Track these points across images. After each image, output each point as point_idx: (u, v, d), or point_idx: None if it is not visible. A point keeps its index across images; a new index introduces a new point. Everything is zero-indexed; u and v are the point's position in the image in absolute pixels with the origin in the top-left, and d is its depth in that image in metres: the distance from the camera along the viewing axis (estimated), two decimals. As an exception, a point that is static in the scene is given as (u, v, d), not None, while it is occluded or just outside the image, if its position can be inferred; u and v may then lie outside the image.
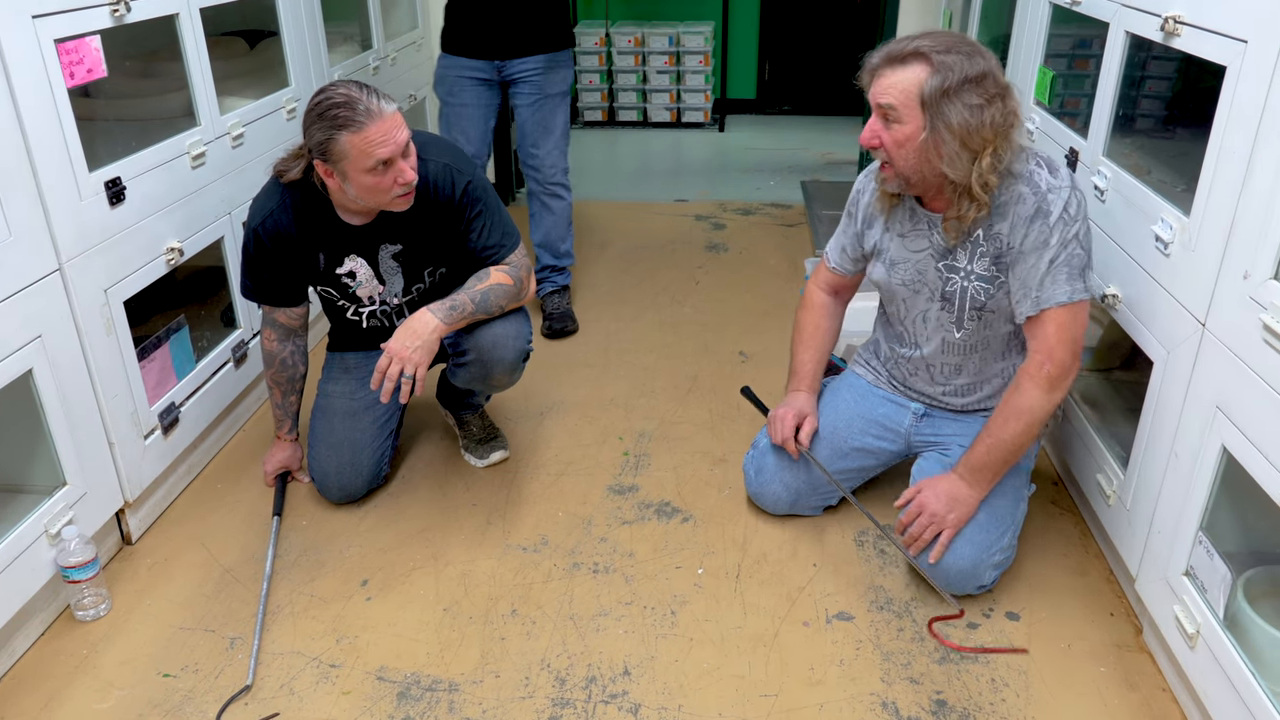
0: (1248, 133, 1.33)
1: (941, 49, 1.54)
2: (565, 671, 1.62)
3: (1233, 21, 1.39)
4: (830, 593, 1.80)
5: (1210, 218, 1.42)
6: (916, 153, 1.59)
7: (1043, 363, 1.64)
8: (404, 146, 1.72)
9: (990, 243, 1.67)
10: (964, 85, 1.53)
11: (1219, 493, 1.42)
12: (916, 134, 1.57)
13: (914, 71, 1.55)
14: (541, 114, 2.80)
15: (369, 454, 2.02)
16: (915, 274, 1.78)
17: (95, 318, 1.77)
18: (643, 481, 2.15)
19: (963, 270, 1.71)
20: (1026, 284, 1.64)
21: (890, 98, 1.57)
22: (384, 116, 1.68)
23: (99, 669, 1.63)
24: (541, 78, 2.76)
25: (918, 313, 1.82)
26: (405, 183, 1.74)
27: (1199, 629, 1.41)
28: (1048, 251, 1.60)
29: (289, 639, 1.69)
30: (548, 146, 2.82)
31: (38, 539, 1.64)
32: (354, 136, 1.66)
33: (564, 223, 2.95)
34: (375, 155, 1.68)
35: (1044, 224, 1.60)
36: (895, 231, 1.79)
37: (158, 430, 1.97)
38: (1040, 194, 1.60)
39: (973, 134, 1.54)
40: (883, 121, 1.60)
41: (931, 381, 1.88)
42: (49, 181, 1.64)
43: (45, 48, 1.62)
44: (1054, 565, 1.86)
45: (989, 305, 1.72)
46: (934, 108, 1.54)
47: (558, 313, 2.92)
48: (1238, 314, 1.34)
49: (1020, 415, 1.66)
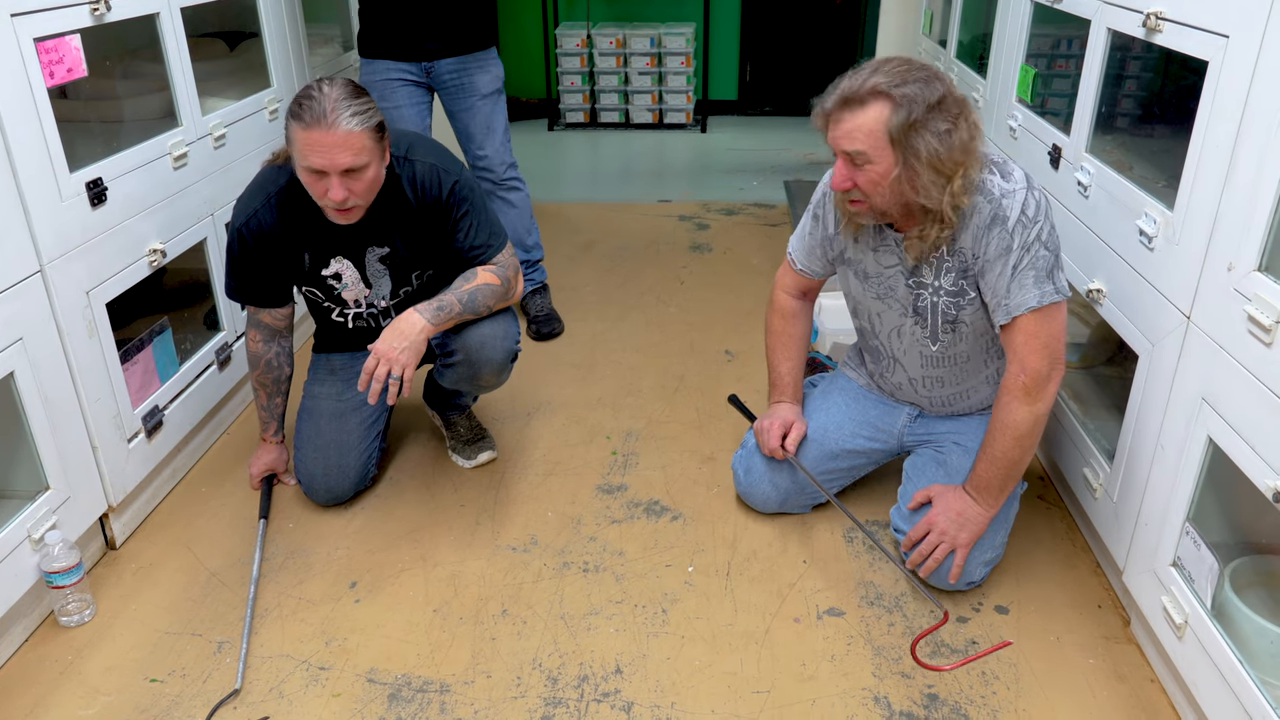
0: (1230, 127, 1.34)
1: (898, 82, 1.51)
2: (557, 671, 1.61)
3: (1214, 17, 1.40)
4: (820, 589, 1.80)
5: (1194, 211, 1.44)
6: (890, 188, 1.56)
7: (1017, 374, 1.61)
8: (341, 168, 1.65)
9: (954, 257, 1.65)
10: (928, 114, 1.50)
11: (1205, 484, 1.43)
12: (889, 171, 1.54)
13: (875, 111, 1.52)
14: (481, 115, 2.71)
15: (356, 456, 2.00)
16: (887, 289, 1.77)
17: (77, 320, 1.75)
18: (631, 480, 2.14)
19: (930, 286, 1.70)
20: (996, 293, 1.62)
21: (858, 144, 1.54)
22: (333, 129, 1.62)
23: (84, 675, 1.61)
24: (473, 79, 2.67)
25: (891, 327, 1.82)
26: (331, 200, 1.68)
27: (1187, 619, 1.43)
28: (1010, 257, 1.58)
29: (277, 642, 1.67)
30: (494, 145, 2.74)
31: (20, 544, 1.62)
32: (299, 130, 1.65)
33: (526, 216, 2.88)
34: (307, 158, 1.65)
35: (1003, 230, 1.58)
36: (866, 244, 1.77)
37: (141, 434, 1.95)
38: (994, 201, 1.58)
39: (944, 161, 1.52)
40: (851, 165, 1.57)
41: (915, 393, 1.89)
42: (29, 182, 1.61)
43: (25, 46, 1.60)
44: (1042, 559, 1.88)
45: (960, 318, 1.71)
46: (904, 143, 1.51)
47: (543, 315, 2.90)
48: (1222, 306, 1.35)
49: (1006, 430, 1.63)
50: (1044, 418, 1.64)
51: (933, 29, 3.39)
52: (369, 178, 1.71)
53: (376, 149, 1.70)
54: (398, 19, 2.59)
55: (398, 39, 2.61)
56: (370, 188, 1.73)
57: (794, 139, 5.29)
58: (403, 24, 2.59)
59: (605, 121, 5.65)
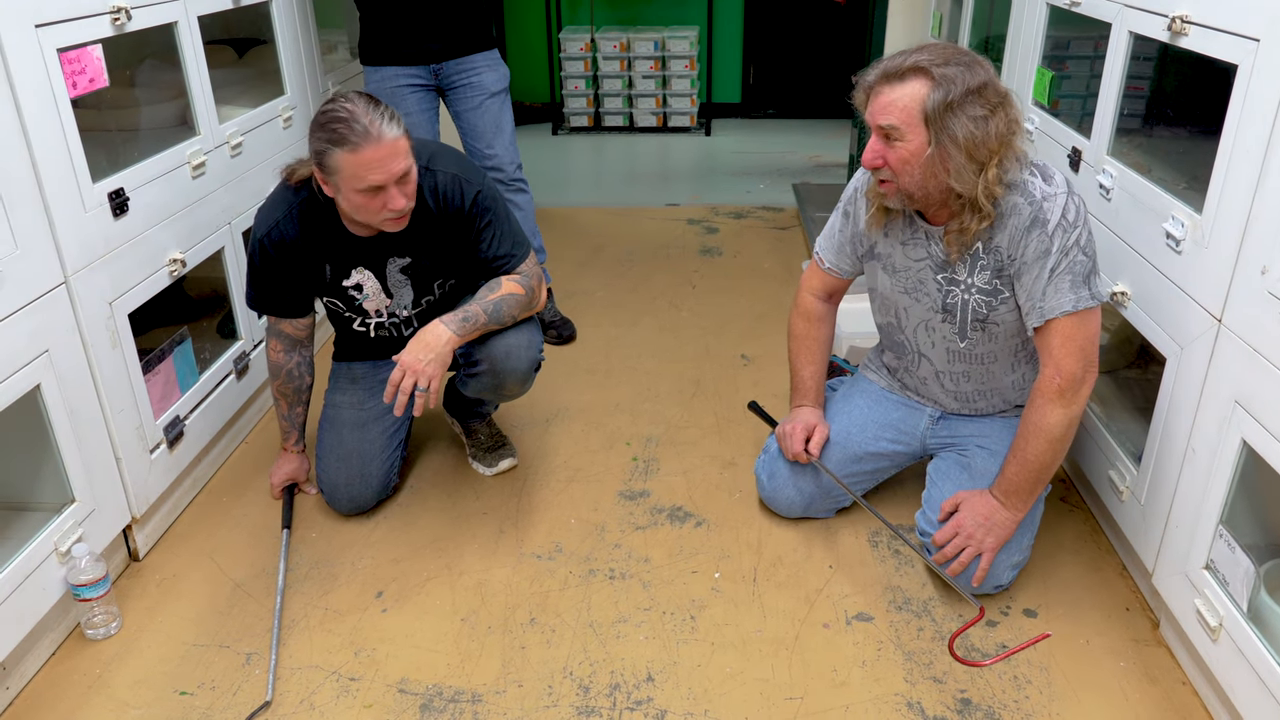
0: (1261, 131, 1.34)
1: (940, 61, 1.52)
2: (588, 679, 1.61)
3: (1243, 20, 1.40)
4: (848, 594, 1.80)
5: (1224, 214, 1.44)
6: (921, 169, 1.56)
7: (1052, 376, 1.62)
8: (399, 175, 1.67)
9: (990, 255, 1.65)
10: (966, 97, 1.51)
11: (1238, 486, 1.43)
12: (921, 151, 1.54)
13: (914, 87, 1.53)
14: (490, 113, 2.71)
15: (379, 465, 2.00)
16: (915, 283, 1.77)
17: (101, 331, 1.74)
18: (653, 486, 2.14)
19: (963, 283, 1.70)
20: (1031, 295, 1.63)
21: (892, 117, 1.54)
22: (381, 141, 1.63)
23: (113, 688, 1.60)
24: (481, 77, 2.68)
25: (918, 322, 1.82)
26: (394, 209, 1.70)
27: (1221, 622, 1.43)
28: (1049, 260, 1.58)
29: (306, 653, 1.67)
30: (503, 144, 2.73)
31: (48, 557, 1.61)
32: (347, 155, 1.63)
33: (531, 218, 2.88)
34: (366, 179, 1.65)
35: (1042, 233, 1.58)
36: (896, 238, 1.78)
37: (163, 444, 1.94)
38: (1035, 203, 1.58)
39: (979, 146, 1.52)
40: (884, 141, 1.58)
41: (942, 389, 1.88)
42: (53, 193, 1.61)
43: (48, 57, 1.60)
44: (1067, 562, 1.88)
45: (991, 318, 1.71)
46: (938, 123, 1.51)
47: (557, 320, 2.90)
48: (1256, 309, 1.35)
49: (1039, 433, 1.63)
50: (1077, 421, 1.64)
51: (941, 31, 3.39)
52: (414, 179, 1.73)
53: (411, 149, 1.72)
54: (402, 23, 2.58)
55: (403, 43, 2.61)
56: (415, 189, 1.74)
57: (798, 142, 5.30)
58: (407, 27, 2.58)
59: (609, 125, 5.65)
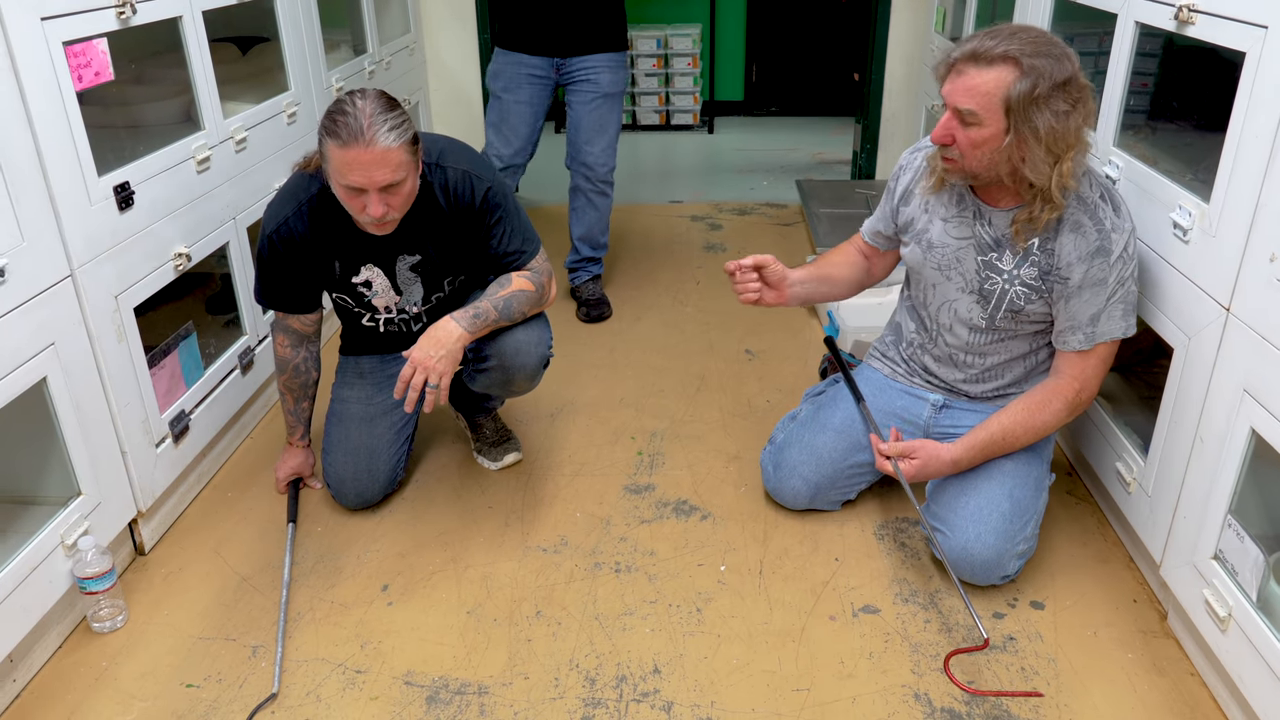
0: (1271, 117, 1.34)
1: (1030, 52, 1.51)
2: (595, 671, 1.61)
3: (1251, 7, 1.40)
4: (854, 586, 1.79)
5: (1232, 203, 1.43)
6: (993, 154, 1.57)
7: (1079, 389, 1.71)
8: (380, 184, 1.63)
9: (1043, 255, 1.67)
10: (1052, 91, 1.50)
11: (1247, 476, 1.43)
12: (996, 137, 1.55)
13: (999, 74, 1.52)
14: (600, 113, 2.85)
15: (386, 460, 2.00)
16: (953, 260, 1.78)
17: (107, 324, 1.74)
18: (659, 480, 2.14)
19: (1007, 274, 1.71)
20: (1076, 318, 1.67)
21: (972, 103, 1.54)
22: (370, 147, 1.59)
23: (119, 681, 1.60)
24: (600, 76, 2.82)
25: (944, 301, 1.82)
26: (369, 216, 1.67)
27: (1230, 612, 1.42)
28: (1105, 289, 1.63)
29: (312, 646, 1.67)
30: (602, 145, 2.88)
31: (54, 550, 1.61)
32: (335, 148, 1.62)
33: (606, 218, 3.03)
34: (346, 176, 1.63)
35: (1104, 262, 1.62)
36: (938, 215, 1.79)
37: (169, 438, 1.94)
38: (1104, 232, 1.61)
39: (1058, 139, 1.53)
40: (959, 122, 1.58)
41: (954, 367, 1.89)
42: (59, 186, 1.61)
43: (54, 50, 1.59)
44: (1074, 554, 1.87)
45: (1026, 310, 1.73)
46: (1020, 113, 1.51)
47: (594, 299, 3.00)
48: (1265, 297, 1.35)
49: (1040, 431, 1.74)
50: None
51: (945, 26, 3.39)
52: (405, 191, 1.69)
53: (412, 162, 1.68)
54: (535, 16, 2.77)
55: (533, 34, 2.78)
56: (406, 201, 1.71)
57: (801, 139, 5.29)
58: (539, 20, 2.77)
59: (612, 123, 5.64)
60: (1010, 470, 1.76)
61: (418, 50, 3.75)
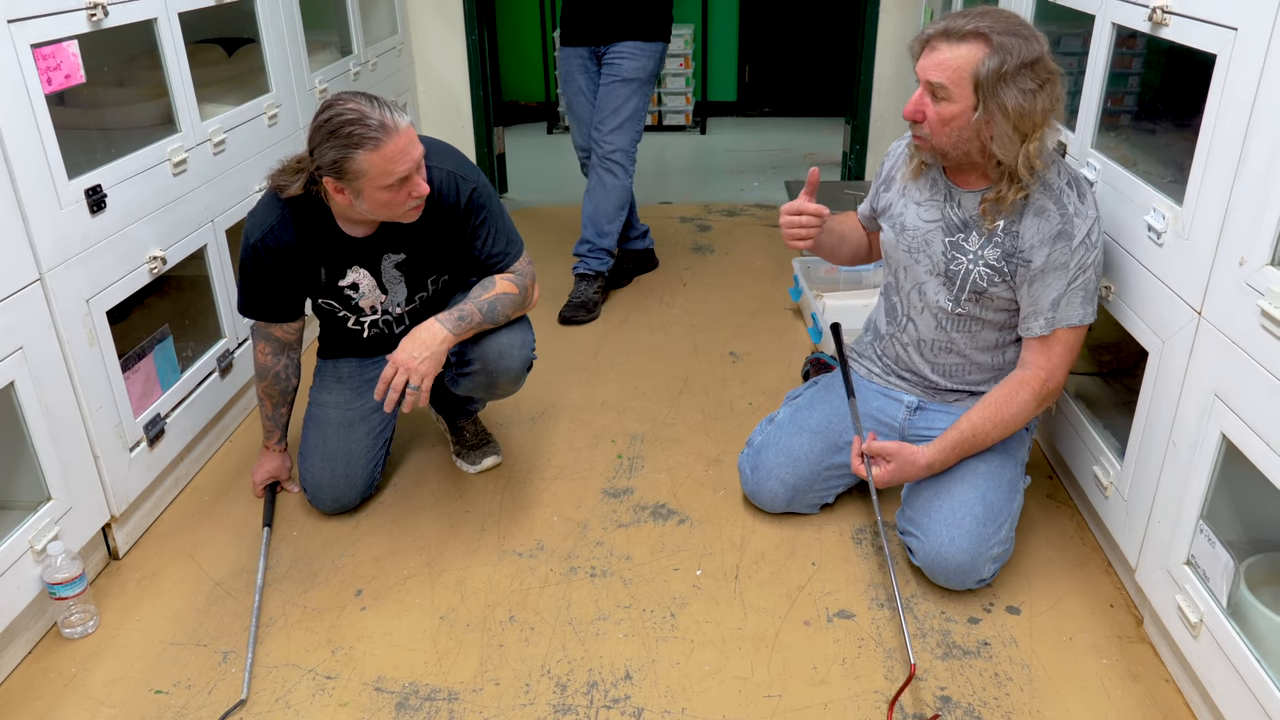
0: (1240, 120, 1.33)
1: (1000, 30, 1.55)
2: (566, 677, 1.60)
3: (1222, 10, 1.39)
4: (830, 591, 1.78)
5: (1204, 206, 1.43)
6: (960, 130, 1.60)
7: (1046, 379, 1.72)
8: (419, 160, 1.69)
9: (1007, 237, 1.69)
10: (1020, 69, 1.54)
11: (1218, 480, 1.42)
12: (964, 113, 1.58)
13: (969, 50, 1.55)
14: (614, 95, 2.96)
15: (363, 465, 1.99)
16: (921, 242, 1.80)
17: (77, 328, 1.73)
18: (637, 484, 2.13)
19: (972, 254, 1.73)
20: (1038, 303, 1.69)
21: (941, 76, 1.57)
22: (399, 131, 1.64)
23: (89, 687, 1.60)
24: (624, 62, 2.94)
25: (914, 284, 1.84)
26: (419, 195, 1.71)
27: (1202, 618, 1.41)
28: (1066, 274, 1.65)
29: (283, 651, 1.66)
30: (612, 124, 2.98)
31: (23, 555, 1.60)
32: (372, 155, 1.62)
33: (613, 203, 3.06)
34: (394, 173, 1.64)
35: (1066, 246, 1.63)
36: (911, 198, 1.82)
37: (143, 442, 1.94)
38: (1067, 217, 1.63)
39: (1025, 117, 1.56)
40: (930, 97, 1.61)
41: (921, 358, 1.89)
42: (27, 190, 1.60)
43: (22, 53, 1.59)
44: (1052, 558, 1.86)
45: (989, 291, 1.74)
46: (988, 89, 1.55)
47: (576, 300, 3.01)
48: (1234, 301, 1.34)
49: (1010, 425, 1.74)
50: None
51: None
52: (423, 165, 1.73)
53: None
54: (578, 8, 2.98)
55: (577, 27, 3.00)
56: (425, 174, 1.75)
57: (794, 139, 5.28)
58: (581, 13, 2.98)
59: (604, 124, 5.63)
60: (983, 473, 1.75)
61: (405, 51, 3.74)
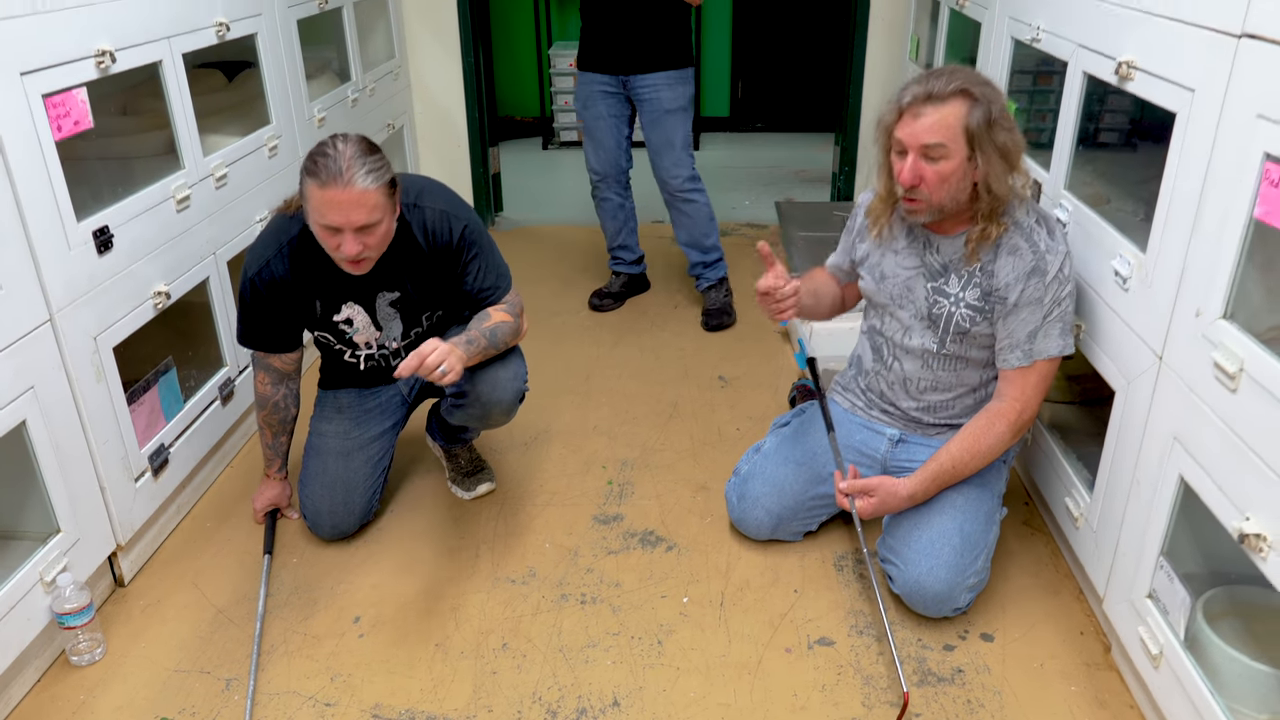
0: (1197, 178, 1.40)
1: (976, 82, 1.66)
2: (556, 704, 1.66)
3: (1180, 70, 1.45)
4: (811, 618, 1.85)
5: (1165, 256, 1.49)
6: (957, 182, 1.69)
7: (1021, 410, 1.79)
8: (356, 225, 1.69)
9: (984, 276, 1.77)
10: (1001, 112, 1.66)
11: (1179, 518, 1.49)
12: (961, 165, 1.67)
13: (954, 107, 1.64)
14: (661, 129, 3.03)
15: (362, 493, 2.05)
16: (903, 289, 1.87)
17: (85, 365, 1.79)
18: (627, 510, 2.19)
19: (953, 296, 1.81)
20: (1015, 336, 1.76)
21: (937, 136, 1.65)
22: (348, 188, 1.66)
23: (96, 714, 1.66)
24: (660, 94, 2.99)
25: (898, 328, 1.90)
26: (343, 254, 1.74)
27: (1162, 650, 1.48)
28: (1041, 309, 1.73)
29: (284, 679, 1.72)
30: (670, 159, 3.06)
31: (33, 587, 1.66)
32: (314, 187, 1.69)
33: (704, 221, 3.16)
34: (325, 216, 1.70)
35: (1040, 281, 1.72)
36: (889, 247, 1.89)
37: (148, 472, 2.00)
38: (1039, 254, 1.72)
39: (1010, 152, 1.67)
40: (926, 160, 1.68)
41: (907, 395, 1.95)
42: (39, 234, 1.66)
43: (33, 103, 1.65)
44: (1026, 585, 1.93)
45: (972, 331, 1.81)
46: (981, 136, 1.65)
47: (714, 308, 3.16)
48: (1191, 350, 1.41)
49: (987, 456, 1.81)
50: None
51: (919, 55, 3.45)
52: (381, 232, 1.75)
53: (389, 205, 1.74)
54: (602, 36, 3.00)
55: (601, 53, 3.02)
56: (382, 241, 1.78)
57: (786, 156, 5.35)
58: (605, 41, 3.00)
59: (599, 139, 5.69)
60: (961, 505, 1.82)
61: (402, 74, 3.80)
